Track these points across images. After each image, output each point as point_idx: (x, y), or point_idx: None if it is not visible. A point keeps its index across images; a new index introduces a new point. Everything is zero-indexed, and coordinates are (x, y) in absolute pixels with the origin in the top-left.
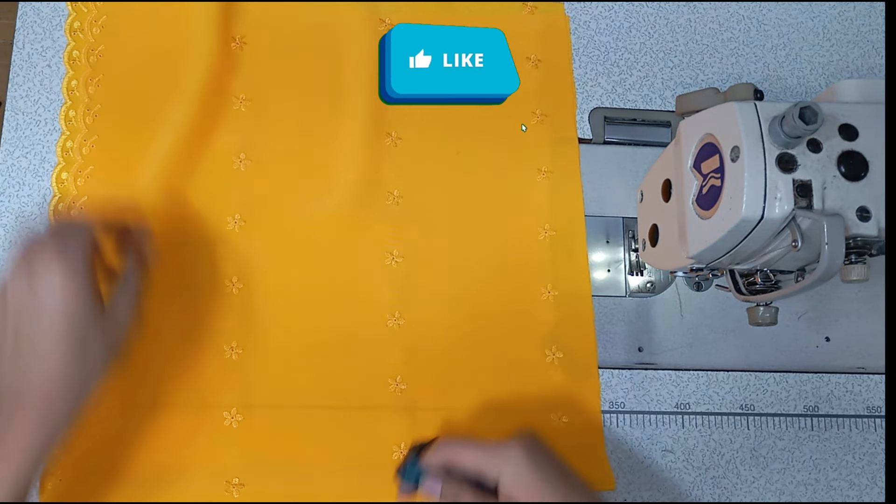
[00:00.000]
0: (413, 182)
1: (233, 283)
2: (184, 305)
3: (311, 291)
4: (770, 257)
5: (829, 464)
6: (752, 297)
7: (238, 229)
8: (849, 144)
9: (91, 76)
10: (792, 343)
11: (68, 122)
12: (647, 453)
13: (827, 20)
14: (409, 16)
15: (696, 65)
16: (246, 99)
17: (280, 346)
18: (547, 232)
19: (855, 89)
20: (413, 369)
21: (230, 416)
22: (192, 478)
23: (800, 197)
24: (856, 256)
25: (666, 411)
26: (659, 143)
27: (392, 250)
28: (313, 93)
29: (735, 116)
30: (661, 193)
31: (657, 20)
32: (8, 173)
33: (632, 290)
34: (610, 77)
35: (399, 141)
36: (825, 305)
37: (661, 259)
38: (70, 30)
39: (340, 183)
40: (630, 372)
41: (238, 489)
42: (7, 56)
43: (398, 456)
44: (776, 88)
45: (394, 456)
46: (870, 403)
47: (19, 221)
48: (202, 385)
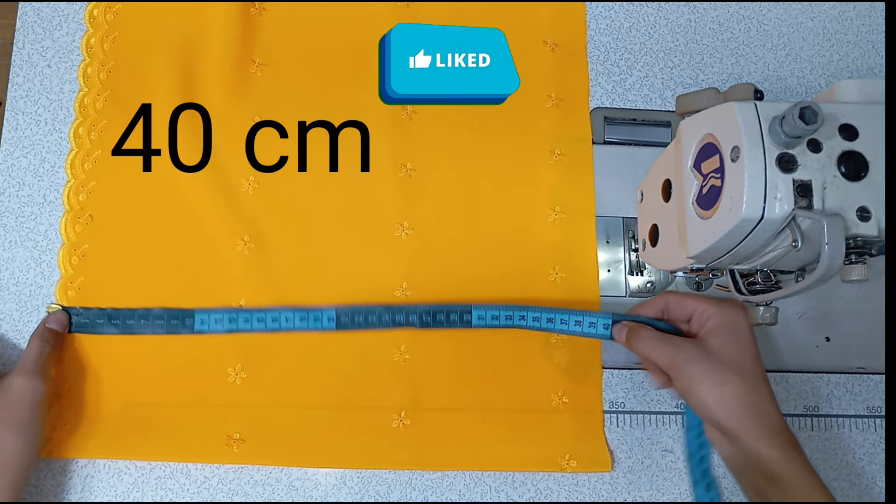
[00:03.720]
0: (426, 155)
1: (244, 242)
2: (193, 265)
3: (321, 255)
4: (770, 257)
5: (829, 464)
6: (752, 297)
7: (252, 191)
8: (849, 144)
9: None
10: (792, 343)
11: (82, 109)
12: (647, 453)
13: (827, 20)
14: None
15: (696, 65)
16: (262, 64)
17: (287, 304)
18: (557, 214)
19: (855, 89)
20: (418, 340)
21: (234, 373)
22: (193, 431)
23: (800, 197)
24: (856, 256)
25: (666, 411)
26: (659, 143)
27: (403, 222)
28: (332, 65)
29: (735, 116)
30: (661, 193)
31: (657, 20)
32: (8, 173)
33: (632, 290)
34: (610, 77)
35: (415, 115)
36: (825, 305)
37: (661, 259)
38: (90, 17)
39: (354, 151)
40: (630, 372)
41: (238, 444)
42: (7, 56)
43: (398, 425)
44: (776, 88)
45: (393, 424)
46: (870, 403)
47: (19, 221)
48: (208, 340)
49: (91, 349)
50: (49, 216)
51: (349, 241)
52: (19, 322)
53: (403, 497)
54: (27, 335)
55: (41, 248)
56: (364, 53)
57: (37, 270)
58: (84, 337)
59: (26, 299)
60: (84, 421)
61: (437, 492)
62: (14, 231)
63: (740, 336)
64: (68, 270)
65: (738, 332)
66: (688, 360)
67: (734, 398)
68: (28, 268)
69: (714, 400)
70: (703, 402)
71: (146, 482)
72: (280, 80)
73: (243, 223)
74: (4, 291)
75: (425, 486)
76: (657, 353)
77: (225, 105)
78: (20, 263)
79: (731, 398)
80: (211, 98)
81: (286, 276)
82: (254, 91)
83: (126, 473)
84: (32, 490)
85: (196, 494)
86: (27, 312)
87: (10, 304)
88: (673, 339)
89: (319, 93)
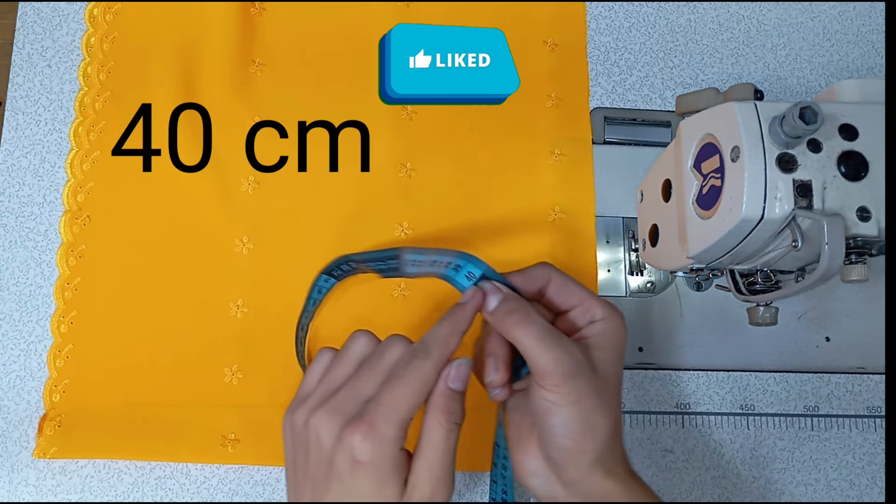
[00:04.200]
0: (426, 155)
1: (243, 243)
2: (191, 266)
3: (321, 255)
4: (770, 257)
5: (829, 464)
6: (752, 297)
7: (252, 191)
8: (849, 144)
9: (103, 62)
10: (792, 343)
11: (82, 109)
12: (647, 453)
13: (827, 20)
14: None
15: (696, 65)
16: (262, 64)
17: (285, 306)
18: (557, 214)
19: (855, 89)
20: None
21: (231, 373)
22: (189, 431)
23: (800, 197)
24: (856, 256)
25: (666, 411)
26: (659, 143)
27: (402, 222)
28: (332, 65)
29: (735, 116)
30: (661, 193)
31: (657, 20)
32: (8, 173)
33: (632, 290)
34: (610, 77)
35: (415, 115)
36: (825, 305)
37: (661, 259)
38: (89, 17)
39: (354, 151)
40: (630, 372)
41: (233, 444)
42: (7, 56)
43: None
44: (776, 88)
45: None
46: (870, 403)
47: (19, 221)
48: (205, 340)
49: (90, 349)
50: (49, 216)
51: (349, 241)
52: (19, 322)
53: None
54: (27, 335)
55: (41, 248)
56: (364, 53)
57: (37, 270)
58: (84, 337)
59: (26, 299)
60: (84, 421)
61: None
62: (14, 231)
63: (622, 355)
64: (66, 271)
65: (622, 350)
66: (578, 371)
67: (601, 430)
68: (28, 268)
69: (581, 427)
70: (569, 429)
71: (146, 482)
72: (280, 80)
73: (243, 223)
74: (4, 291)
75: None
76: (540, 349)
77: (225, 105)
78: (20, 263)
79: (599, 430)
80: (211, 98)
81: (285, 277)
82: (254, 91)
83: (126, 473)
84: (32, 490)
85: (196, 494)
86: (27, 312)
87: (10, 304)
88: (563, 339)
89: (319, 93)
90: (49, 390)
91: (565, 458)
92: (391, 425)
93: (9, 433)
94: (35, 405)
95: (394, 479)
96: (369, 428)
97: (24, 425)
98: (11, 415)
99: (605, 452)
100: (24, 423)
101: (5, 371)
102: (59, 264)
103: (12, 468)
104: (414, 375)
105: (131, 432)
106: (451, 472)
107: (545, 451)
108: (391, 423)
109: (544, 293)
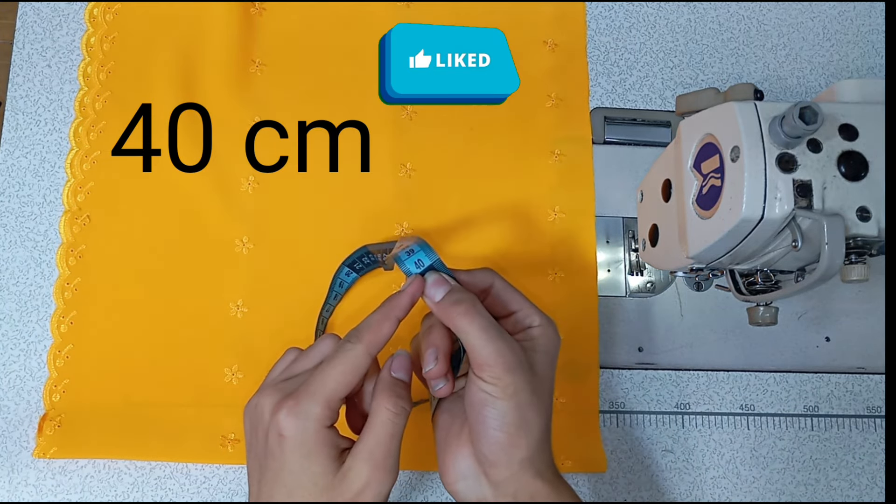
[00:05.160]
0: (426, 155)
1: (243, 243)
2: (191, 266)
3: (320, 255)
4: (770, 257)
5: (829, 464)
6: (752, 297)
7: (251, 191)
8: (849, 144)
9: (103, 62)
10: (792, 343)
11: (82, 109)
12: (647, 453)
13: (827, 20)
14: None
15: (696, 65)
16: (262, 64)
17: (284, 306)
18: (557, 213)
19: (855, 89)
20: None
21: (231, 373)
22: (189, 431)
23: (800, 197)
24: (856, 256)
25: (666, 411)
26: (659, 143)
27: (402, 222)
28: (332, 65)
29: (735, 116)
30: (661, 193)
31: (657, 20)
32: (8, 173)
33: (632, 290)
34: (610, 77)
35: (415, 115)
36: (825, 305)
37: (661, 259)
38: (89, 17)
39: (354, 151)
40: (630, 372)
41: (233, 444)
42: (7, 56)
43: None
44: (776, 88)
45: None
46: (870, 403)
47: (19, 221)
48: (205, 340)
49: (90, 349)
50: (49, 216)
51: (349, 241)
52: (19, 322)
53: (403, 497)
54: (27, 335)
55: (41, 248)
56: (364, 53)
57: (37, 270)
58: (83, 337)
59: (26, 299)
60: (84, 421)
61: (438, 491)
62: (14, 231)
63: (555, 360)
64: (65, 271)
65: (556, 356)
66: (517, 365)
67: (535, 428)
68: (28, 268)
69: (516, 422)
70: (504, 422)
71: (146, 482)
72: (280, 80)
73: (243, 223)
74: (4, 291)
75: (425, 486)
76: (483, 339)
77: (225, 105)
78: (20, 263)
79: (533, 427)
80: (211, 98)
81: (285, 277)
82: (254, 91)
83: (126, 473)
84: (32, 490)
85: (196, 494)
86: (27, 312)
87: (9, 304)
88: (505, 334)
89: (319, 93)
90: (49, 390)
91: (498, 453)
92: (315, 402)
93: (9, 433)
94: (35, 405)
95: (321, 455)
96: (294, 403)
97: (24, 425)
98: (11, 415)
99: (537, 452)
100: (24, 423)
101: (5, 371)
102: (59, 264)
103: (12, 468)
104: (342, 357)
105: (131, 432)
106: (393, 459)
107: (477, 447)
108: (315, 400)
109: (486, 296)
